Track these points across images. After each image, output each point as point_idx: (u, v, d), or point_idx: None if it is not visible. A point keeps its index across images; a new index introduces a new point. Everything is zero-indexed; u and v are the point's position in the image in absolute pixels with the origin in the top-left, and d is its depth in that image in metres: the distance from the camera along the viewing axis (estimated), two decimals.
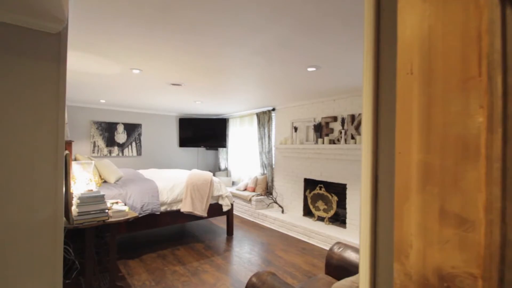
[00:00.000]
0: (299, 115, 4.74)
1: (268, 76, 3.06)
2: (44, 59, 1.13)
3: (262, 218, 4.83)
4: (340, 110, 4.04)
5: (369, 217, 0.49)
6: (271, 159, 5.27)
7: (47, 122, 1.15)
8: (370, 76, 0.49)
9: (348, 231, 3.82)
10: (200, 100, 4.74)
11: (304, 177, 4.58)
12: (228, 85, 3.52)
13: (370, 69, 0.49)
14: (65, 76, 1.19)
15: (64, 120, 1.24)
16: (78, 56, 2.48)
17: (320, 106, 4.37)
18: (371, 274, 0.49)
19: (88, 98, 4.76)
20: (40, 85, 1.13)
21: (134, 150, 6.15)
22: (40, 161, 1.10)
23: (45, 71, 1.13)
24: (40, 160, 1.10)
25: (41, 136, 1.12)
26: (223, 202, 4.02)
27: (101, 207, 2.39)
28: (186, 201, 3.68)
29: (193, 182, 3.82)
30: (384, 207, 0.48)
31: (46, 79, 1.14)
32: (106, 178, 3.74)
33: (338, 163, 4.03)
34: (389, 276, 0.47)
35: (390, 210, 0.46)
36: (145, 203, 3.34)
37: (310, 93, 3.95)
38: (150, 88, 3.73)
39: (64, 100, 1.21)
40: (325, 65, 2.61)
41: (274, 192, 5.18)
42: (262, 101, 4.79)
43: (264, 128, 5.39)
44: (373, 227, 0.50)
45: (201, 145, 6.80)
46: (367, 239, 0.49)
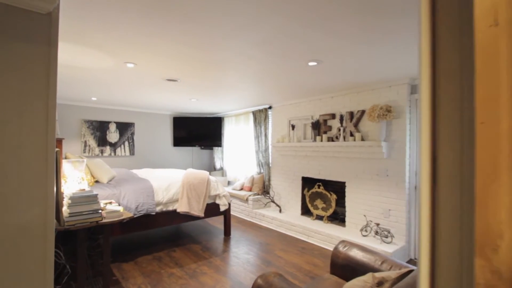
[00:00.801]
0: (296, 113, 4.68)
1: (267, 72, 2.98)
2: (33, 42, 1.03)
3: (259, 217, 4.75)
4: (339, 107, 4.00)
5: (428, 205, 0.41)
6: (268, 157, 5.20)
7: (36, 113, 1.04)
8: (428, 36, 0.42)
9: (348, 229, 3.78)
10: (196, 98, 4.64)
11: (302, 176, 4.53)
12: (225, 81, 3.43)
13: (427, 28, 0.41)
14: (56, 61, 1.08)
15: (55, 112, 1.14)
16: (67, 48, 2.36)
17: (318, 103, 4.32)
18: (430, 273, 0.42)
19: (78, 96, 4.60)
20: (28, 71, 1.03)
21: (127, 149, 5.99)
22: (29, 156, 0.99)
23: (34, 55, 1.03)
24: (29, 156, 0.99)
25: (29, 128, 1.01)
26: (220, 201, 3.93)
27: (94, 208, 2.27)
28: (183, 201, 3.57)
29: (190, 181, 3.71)
30: (449, 192, 0.40)
31: (35, 64, 1.04)
32: (99, 178, 3.60)
33: (337, 161, 3.98)
34: (457, 275, 0.39)
35: (463, 194, 0.38)
36: (140, 203, 3.22)
37: (308, 90, 3.90)
38: (145, 85, 3.61)
39: (55, 89, 1.11)
40: (327, 59, 2.55)
41: (271, 191, 5.11)
42: (258, 99, 4.71)
43: (261, 126, 5.32)
44: (432, 218, 0.42)
45: (195, 145, 6.68)
46: (426, 231, 0.41)
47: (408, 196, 3.28)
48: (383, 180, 3.44)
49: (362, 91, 3.69)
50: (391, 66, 2.74)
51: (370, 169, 3.58)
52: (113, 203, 2.77)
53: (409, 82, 3.25)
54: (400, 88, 3.31)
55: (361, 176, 3.68)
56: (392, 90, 3.38)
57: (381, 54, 2.39)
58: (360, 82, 3.38)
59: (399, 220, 3.30)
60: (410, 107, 3.30)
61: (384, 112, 3.25)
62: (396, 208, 3.33)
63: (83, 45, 2.27)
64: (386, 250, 3.03)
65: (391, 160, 3.38)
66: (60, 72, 3.07)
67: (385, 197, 3.43)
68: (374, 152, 3.43)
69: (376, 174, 3.51)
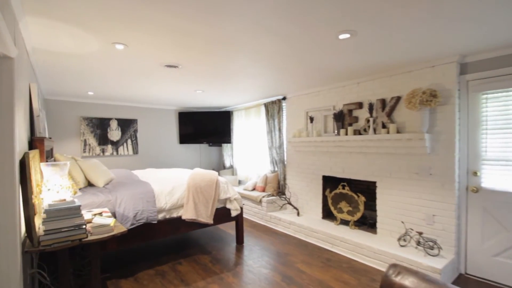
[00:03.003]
0: (315, 104, 4.13)
1: (284, 51, 2.45)
2: None
3: (275, 221, 4.25)
4: (367, 95, 3.43)
5: None
6: (283, 154, 4.68)
7: None
8: None
9: (380, 237, 3.24)
10: (201, 89, 4.14)
11: (322, 175, 3.99)
12: (233, 67, 2.92)
13: None
14: None
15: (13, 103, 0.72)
16: (42, 26, 1.89)
17: (341, 91, 3.76)
18: None
19: (73, 90, 4.18)
20: None
21: (129, 148, 5.58)
22: None
23: None
24: None
25: None
26: (231, 205, 3.45)
27: (76, 222, 1.82)
28: (188, 207, 3.10)
29: (196, 184, 3.24)
30: None
31: None
32: (94, 181, 3.17)
33: (365, 157, 3.43)
34: None
35: None
36: (139, 210, 2.77)
37: (330, 76, 3.35)
38: (141, 72, 3.13)
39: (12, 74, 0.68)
40: (363, 30, 2.00)
41: (287, 192, 4.60)
42: (271, 89, 4.18)
43: (274, 120, 4.79)
44: None
45: (203, 141, 6.22)
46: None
47: (457, 199, 2.71)
48: (425, 180, 2.88)
49: (396, 74, 3.11)
50: (437, 40, 2.17)
51: (407, 166, 3.02)
52: (105, 213, 2.32)
53: (458, 60, 2.66)
54: (447, 68, 2.72)
55: (396, 175, 3.12)
56: (436, 71, 2.80)
57: (430, 23, 1.83)
58: (396, 62, 2.81)
59: (446, 227, 2.74)
60: (459, 91, 2.71)
61: (428, 98, 2.68)
62: (442, 213, 2.77)
63: (59, 20, 1.79)
64: (434, 266, 2.48)
65: (436, 156, 2.81)
66: (40, 60, 2.62)
67: (428, 200, 2.87)
68: (414, 146, 2.86)
69: (416, 173, 2.95)
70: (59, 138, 4.83)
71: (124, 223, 2.65)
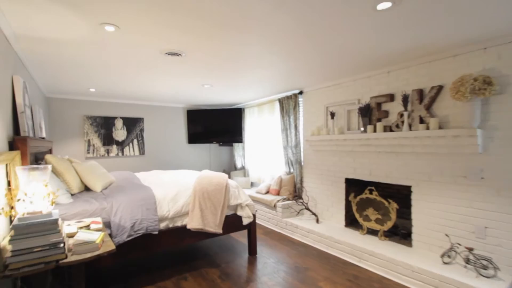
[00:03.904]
0: (336, 97, 3.68)
1: (303, 32, 2.03)
2: None
3: (291, 229, 3.84)
4: (399, 85, 2.96)
5: None
6: (299, 154, 4.25)
7: None
8: None
9: (416, 251, 2.76)
10: (209, 83, 3.78)
11: (345, 177, 3.54)
12: (243, 55, 2.52)
13: None
14: None
15: None
16: (16, 4, 1.56)
17: (367, 82, 3.29)
18: None
19: (74, 87, 3.91)
20: None
21: (136, 149, 5.29)
22: None
23: None
24: None
25: None
26: (242, 212, 3.06)
27: (52, 240, 1.47)
28: (194, 214, 2.74)
29: (203, 188, 2.87)
30: None
31: None
32: (90, 185, 2.86)
33: (398, 157, 2.96)
34: None
35: None
36: (138, 219, 2.42)
37: (355, 65, 2.90)
38: (140, 62, 2.79)
39: None
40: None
41: (304, 196, 4.17)
42: (285, 83, 3.77)
43: (289, 116, 4.37)
44: None
45: (213, 141, 5.87)
46: None
47: None
48: (476, 185, 2.39)
49: (437, 59, 2.63)
50: (495, 13, 1.69)
51: (452, 168, 2.54)
52: (95, 224, 1.98)
53: None
54: (504, 49, 2.23)
55: (437, 179, 2.64)
56: (490, 54, 2.30)
57: None
58: (437, 45, 2.33)
59: (503, 243, 2.25)
60: None
61: (481, 86, 2.19)
62: (498, 225, 2.27)
63: None
64: None
65: (489, 156, 2.31)
66: (27, 49, 2.31)
67: (479, 209, 2.38)
68: (462, 144, 2.38)
69: (463, 176, 2.47)
70: (62, 139, 4.59)
71: (119, 235, 2.31)
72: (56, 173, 2.61)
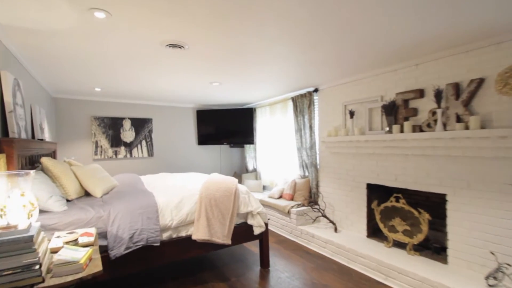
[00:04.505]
0: (356, 94, 3.35)
1: (319, 22, 1.74)
2: None
3: (306, 238, 3.53)
4: (430, 78, 2.61)
5: None
6: (315, 156, 3.94)
7: None
8: None
9: (453, 269, 2.40)
10: (218, 81, 3.53)
11: (366, 182, 3.20)
12: (251, 48, 2.25)
13: None
14: None
15: None
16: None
17: (391, 77, 2.95)
18: None
19: (78, 86, 3.77)
20: None
21: (144, 150, 5.13)
22: None
23: None
24: None
25: None
26: (253, 221, 2.79)
27: (25, 261, 1.25)
28: (200, 224, 2.49)
29: (210, 194, 2.62)
30: None
31: None
32: (90, 190, 2.67)
33: (429, 161, 2.60)
34: None
35: None
36: (137, 230, 2.20)
37: (376, 57, 2.57)
38: (139, 55, 2.57)
39: None
40: None
41: (321, 202, 3.85)
42: (299, 80, 3.47)
43: (303, 116, 4.07)
44: None
45: (224, 142, 5.64)
46: None
47: None
48: None
49: (476, 48, 2.26)
50: None
51: (497, 175, 2.16)
52: (86, 237, 1.77)
53: None
54: None
55: (478, 187, 2.27)
56: None
57: None
58: (478, 31, 1.97)
59: None
60: None
61: None
62: None
63: None
64: None
65: None
66: (18, 43, 2.14)
67: None
68: (509, 147, 2.01)
69: (511, 184, 2.09)
70: (69, 140, 4.48)
71: (116, 247, 2.09)
72: (52, 177, 2.43)
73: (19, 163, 2.07)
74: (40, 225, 2.04)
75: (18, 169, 2.03)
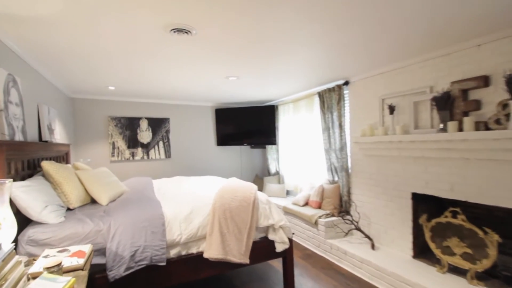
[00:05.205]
0: (397, 86, 2.83)
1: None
2: None
3: (337, 254, 3.06)
4: (498, 63, 2.05)
5: None
6: (346, 159, 3.45)
7: None
8: None
9: None
10: (235, 75, 3.18)
11: (411, 191, 2.68)
12: (271, 28, 1.85)
13: None
14: None
15: None
16: None
17: (443, 62, 2.41)
18: None
19: (93, 85, 3.60)
20: None
21: (161, 151, 4.92)
22: None
23: None
24: None
25: None
26: (275, 236, 2.39)
27: None
28: (213, 239, 2.14)
29: (225, 205, 2.27)
30: None
31: None
32: (96, 197, 2.43)
33: (499, 167, 2.04)
34: None
35: None
36: (140, 246, 1.89)
37: (425, 38, 2.06)
38: (143, 45, 2.26)
39: None
40: None
41: (353, 212, 3.36)
42: (327, 71, 3.02)
43: (332, 113, 3.60)
44: None
45: (244, 143, 5.29)
46: None
47: None
48: None
49: None
50: None
51: None
52: (75, 259, 1.48)
53: None
54: None
55: None
56: None
57: None
58: None
59: None
60: None
61: None
62: None
63: None
64: None
65: None
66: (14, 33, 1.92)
67: None
68: None
69: None
70: (86, 141, 4.36)
71: (116, 267, 1.79)
72: (53, 184, 2.20)
73: (10, 168, 1.85)
74: (32, 239, 1.81)
75: (8, 175, 1.80)
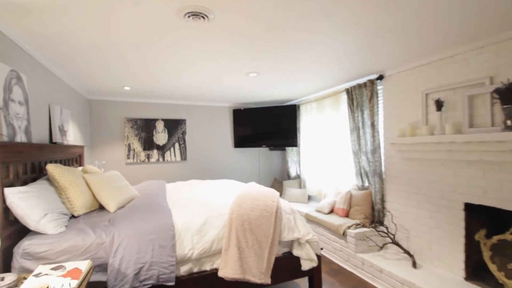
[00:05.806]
0: (445, 78, 2.42)
1: None
2: None
3: (370, 271, 2.67)
4: None
5: None
6: (379, 163, 3.06)
7: None
8: None
9: None
10: (255, 70, 2.90)
11: (464, 201, 2.25)
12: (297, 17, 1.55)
13: None
14: None
15: None
16: None
17: (506, 48, 1.99)
18: None
19: (108, 85, 3.46)
20: None
21: (177, 153, 4.74)
22: None
23: None
24: None
25: None
26: (301, 252, 2.06)
27: None
28: (229, 256, 1.85)
29: (243, 215, 1.97)
30: None
31: None
32: (103, 203, 2.23)
33: None
34: None
35: None
36: (146, 263, 1.64)
37: (480, 20, 1.66)
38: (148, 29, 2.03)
39: None
40: None
41: (388, 223, 2.96)
42: (356, 65, 2.66)
43: (363, 111, 3.22)
44: None
45: (262, 145, 4.99)
46: None
47: None
48: None
49: None
50: None
51: None
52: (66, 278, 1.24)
53: None
54: None
55: None
56: None
57: None
58: None
59: None
60: None
61: None
62: None
63: None
64: None
65: None
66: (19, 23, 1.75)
67: None
68: None
69: None
70: (102, 143, 4.26)
71: (118, 287, 1.55)
72: (58, 188, 2.02)
73: (9, 171, 1.67)
74: (27, 252, 1.61)
75: (6, 179, 1.62)
